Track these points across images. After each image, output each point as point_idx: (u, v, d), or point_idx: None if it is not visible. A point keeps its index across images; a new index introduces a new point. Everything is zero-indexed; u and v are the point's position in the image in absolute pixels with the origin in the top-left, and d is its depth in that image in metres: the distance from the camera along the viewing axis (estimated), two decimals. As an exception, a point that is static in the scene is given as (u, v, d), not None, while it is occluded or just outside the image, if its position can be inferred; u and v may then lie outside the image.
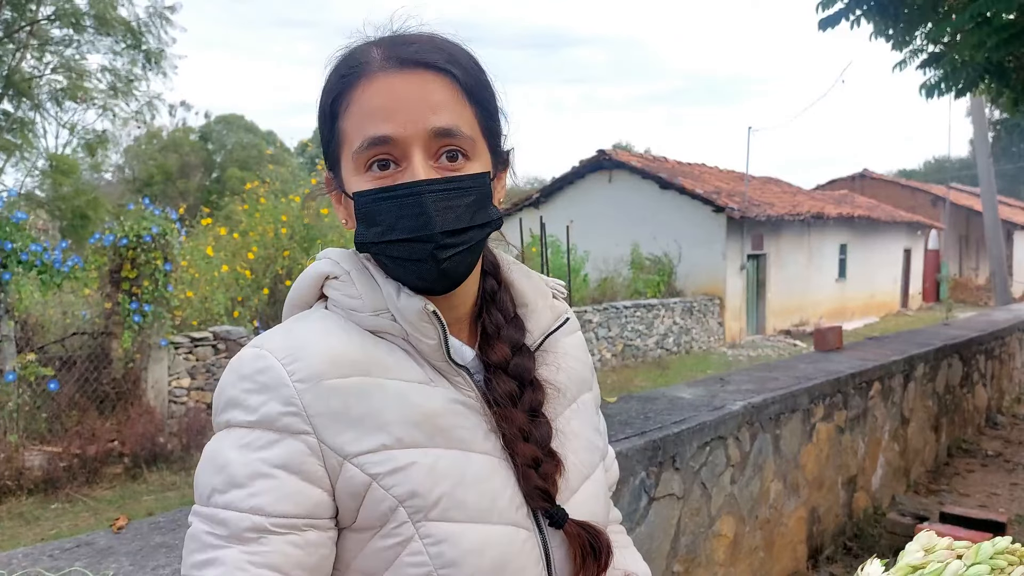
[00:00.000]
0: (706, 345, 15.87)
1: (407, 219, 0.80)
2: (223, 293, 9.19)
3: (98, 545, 1.64)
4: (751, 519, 3.59)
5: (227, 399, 0.80)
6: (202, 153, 36.38)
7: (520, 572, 0.82)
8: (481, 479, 0.81)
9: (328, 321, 0.84)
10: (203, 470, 0.79)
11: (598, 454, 0.98)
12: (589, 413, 0.99)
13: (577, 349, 1.01)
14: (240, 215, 11.05)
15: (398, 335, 0.84)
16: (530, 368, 0.90)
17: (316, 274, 0.88)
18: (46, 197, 19.57)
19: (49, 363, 6.78)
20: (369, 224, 0.82)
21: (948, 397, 6.13)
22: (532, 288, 0.96)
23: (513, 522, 0.82)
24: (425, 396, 0.82)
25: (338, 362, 0.80)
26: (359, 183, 0.82)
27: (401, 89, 0.81)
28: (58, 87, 17.81)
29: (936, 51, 6.91)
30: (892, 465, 5.12)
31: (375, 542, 0.79)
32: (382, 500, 0.77)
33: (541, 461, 0.85)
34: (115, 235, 7.24)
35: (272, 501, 0.75)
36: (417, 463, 0.78)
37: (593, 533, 0.87)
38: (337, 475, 0.77)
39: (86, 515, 5.66)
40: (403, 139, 0.80)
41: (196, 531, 0.77)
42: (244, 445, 0.76)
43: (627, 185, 17.65)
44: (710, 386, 4.00)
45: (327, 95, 0.86)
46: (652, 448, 2.85)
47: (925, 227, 25.30)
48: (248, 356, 0.80)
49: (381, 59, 0.82)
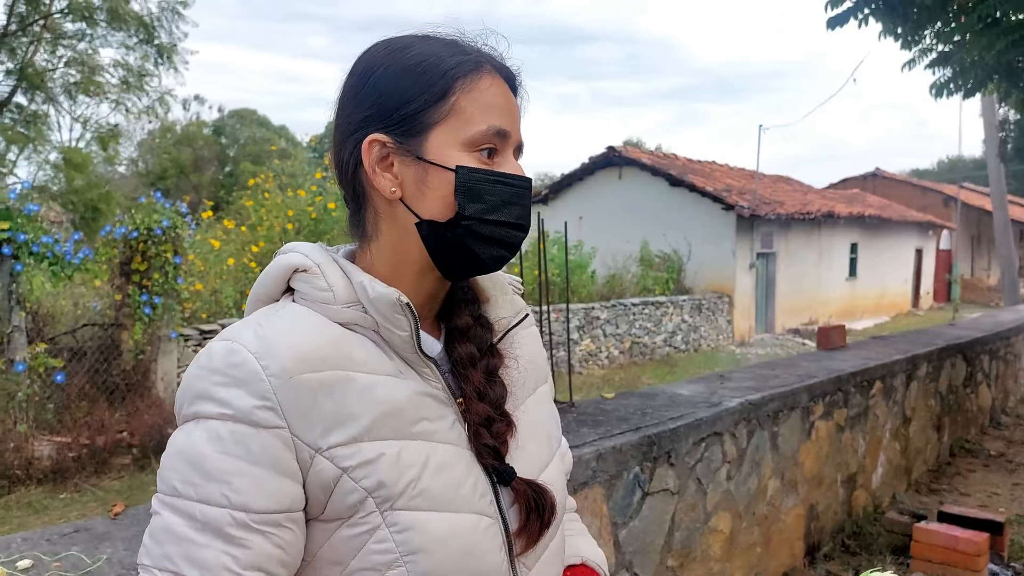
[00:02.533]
0: (715, 343, 15.85)
1: (515, 207, 0.88)
2: (232, 286, 9.26)
3: (95, 531, 1.68)
4: (748, 515, 3.62)
5: (196, 392, 0.79)
6: (215, 147, 36.58)
7: (484, 558, 0.84)
8: (445, 468, 0.84)
9: (298, 315, 0.85)
10: (173, 462, 0.78)
11: (554, 443, 1.01)
12: (547, 404, 1.03)
13: (534, 340, 1.05)
14: (249, 210, 11.12)
15: (368, 327, 0.86)
16: (497, 366, 0.94)
17: (284, 266, 0.88)
18: (59, 190, 19.71)
19: (59, 354, 6.86)
20: (472, 199, 0.85)
21: (951, 397, 6.13)
22: (492, 284, 1.00)
23: (477, 510, 0.84)
24: (393, 388, 0.84)
25: (309, 357, 0.80)
26: (466, 159, 0.86)
27: (510, 99, 0.91)
28: (71, 81, 17.93)
29: (945, 51, 6.90)
30: (893, 464, 5.12)
31: (342, 531, 0.80)
32: (351, 492, 0.79)
33: (494, 420, 0.89)
34: (126, 228, 7.31)
35: (253, 497, 0.76)
36: (385, 455, 0.80)
37: (538, 491, 0.90)
38: (308, 468, 0.79)
39: (94, 505, 5.73)
40: (511, 140, 0.90)
41: (169, 522, 0.76)
42: (217, 438, 0.77)
43: (637, 182, 17.63)
44: (710, 383, 4.02)
45: (447, 69, 0.87)
46: (647, 443, 2.87)
47: (937, 227, 25.16)
48: (219, 349, 0.80)
49: (493, 64, 0.90)
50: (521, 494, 0.88)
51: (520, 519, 0.89)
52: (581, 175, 18.55)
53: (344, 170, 0.90)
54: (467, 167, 0.85)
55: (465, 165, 0.85)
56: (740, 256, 16.54)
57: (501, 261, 0.90)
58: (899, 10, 6.34)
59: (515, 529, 0.88)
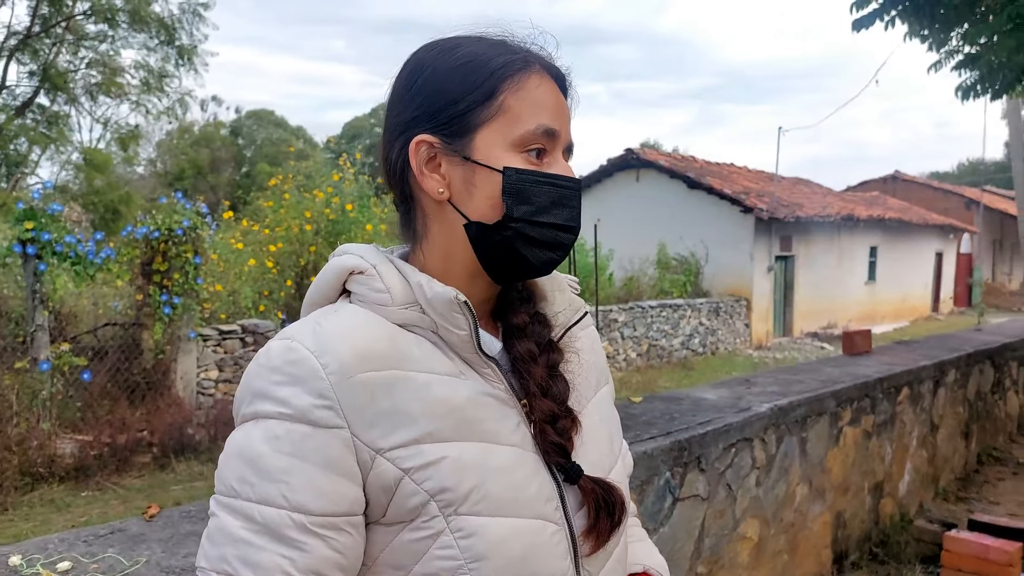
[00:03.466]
0: (732, 346, 15.77)
1: (564, 209, 0.87)
2: (250, 287, 9.29)
3: (130, 532, 1.67)
4: (776, 522, 3.57)
5: (254, 391, 0.78)
6: (232, 148, 36.82)
7: (547, 564, 0.82)
8: (509, 471, 0.82)
9: (356, 315, 0.83)
10: (230, 462, 0.77)
11: (618, 444, 0.99)
12: (608, 406, 1.01)
13: (593, 342, 1.03)
14: (266, 210, 11.16)
15: (427, 328, 0.84)
16: (558, 361, 0.92)
17: (340, 268, 0.87)
18: (79, 190, 19.88)
19: (81, 353, 6.90)
20: (520, 201, 0.84)
21: (979, 404, 6.05)
22: (549, 282, 0.98)
23: (542, 515, 0.82)
24: (454, 389, 0.82)
25: (368, 355, 0.79)
26: (514, 160, 0.84)
27: (559, 99, 0.89)
28: (92, 82, 18.09)
29: (972, 52, 6.81)
30: (920, 472, 5.06)
31: (404, 535, 0.79)
32: (413, 494, 0.77)
33: (558, 417, 0.87)
34: (147, 228, 7.36)
35: (311, 498, 0.74)
36: (447, 457, 0.79)
37: (607, 488, 0.88)
38: (369, 469, 0.77)
39: (115, 503, 5.75)
40: (560, 140, 0.88)
41: (226, 524, 0.75)
42: (275, 437, 0.75)
43: (655, 184, 17.58)
44: (734, 388, 3.98)
45: (494, 68, 0.85)
46: (677, 449, 2.84)
47: (957, 230, 24.92)
48: (278, 348, 0.79)
49: (542, 64, 0.89)
50: (589, 492, 0.86)
51: (589, 519, 0.86)
52: (599, 177, 18.51)
53: (392, 171, 0.89)
54: (514, 168, 0.84)
55: (512, 166, 0.84)
56: (758, 259, 16.45)
57: (551, 264, 0.88)
58: (926, 11, 6.26)
59: (583, 530, 0.86)
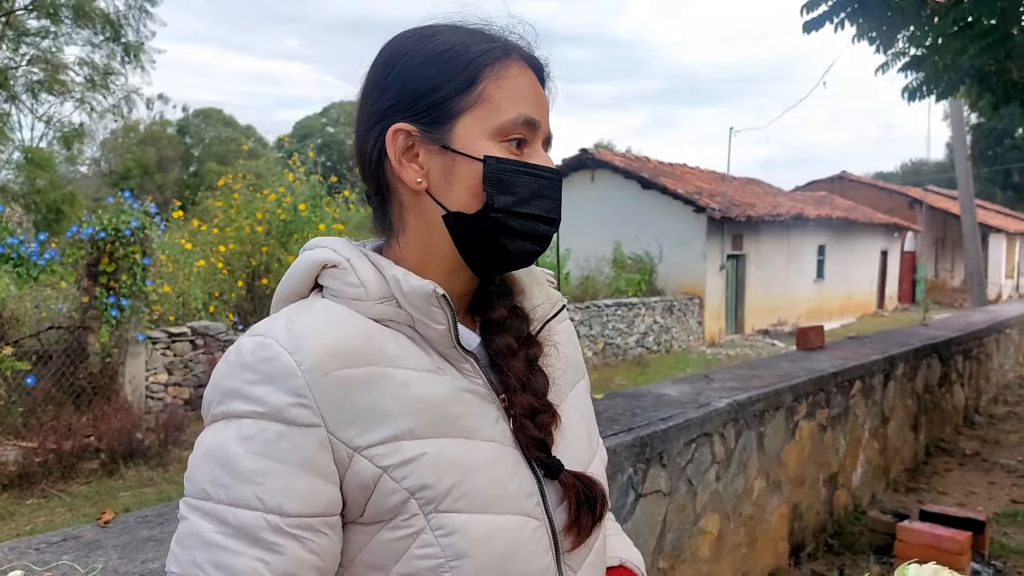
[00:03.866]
0: (686, 344, 15.94)
1: (546, 200, 0.85)
2: (200, 288, 9.10)
3: (85, 539, 1.60)
4: (735, 516, 3.61)
5: (225, 389, 0.75)
6: (180, 147, 36.11)
7: (529, 561, 0.80)
8: (490, 467, 0.80)
9: (330, 310, 0.81)
10: (201, 463, 0.74)
11: (595, 439, 0.98)
12: (586, 401, 1.00)
13: (571, 336, 1.02)
14: (216, 210, 10.95)
15: (404, 323, 0.82)
16: (537, 355, 0.90)
17: (313, 262, 0.84)
18: (20, 190, 19.29)
19: (24, 357, 6.69)
20: (502, 191, 0.82)
21: (927, 396, 6.20)
22: (527, 276, 0.97)
23: (522, 511, 0.81)
24: (432, 385, 0.80)
25: (343, 352, 0.76)
26: (493, 150, 0.82)
27: (539, 89, 0.88)
28: (34, 79, 17.57)
29: (918, 54, 6.97)
30: (872, 463, 5.16)
31: (383, 534, 0.76)
32: (392, 492, 0.75)
33: (538, 411, 0.85)
34: (93, 228, 7.15)
35: (287, 500, 0.72)
36: (426, 454, 0.76)
37: (588, 483, 0.86)
38: (346, 468, 0.75)
39: (62, 510, 5.58)
40: (540, 131, 0.86)
41: (198, 528, 0.72)
42: (248, 438, 0.72)
43: (609, 184, 17.70)
44: (695, 383, 4.01)
45: (474, 55, 0.83)
46: (640, 444, 2.84)
47: (902, 229, 25.58)
48: (250, 345, 0.76)
49: (521, 53, 0.87)
50: (570, 487, 0.85)
51: (570, 514, 0.85)
52: (553, 177, 18.55)
53: (367, 162, 0.86)
54: (496, 157, 0.82)
55: (494, 155, 0.82)
56: (711, 258, 16.66)
57: (531, 256, 0.86)
58: (874, 13, 6.39)
59: (564, 525, 0.85)
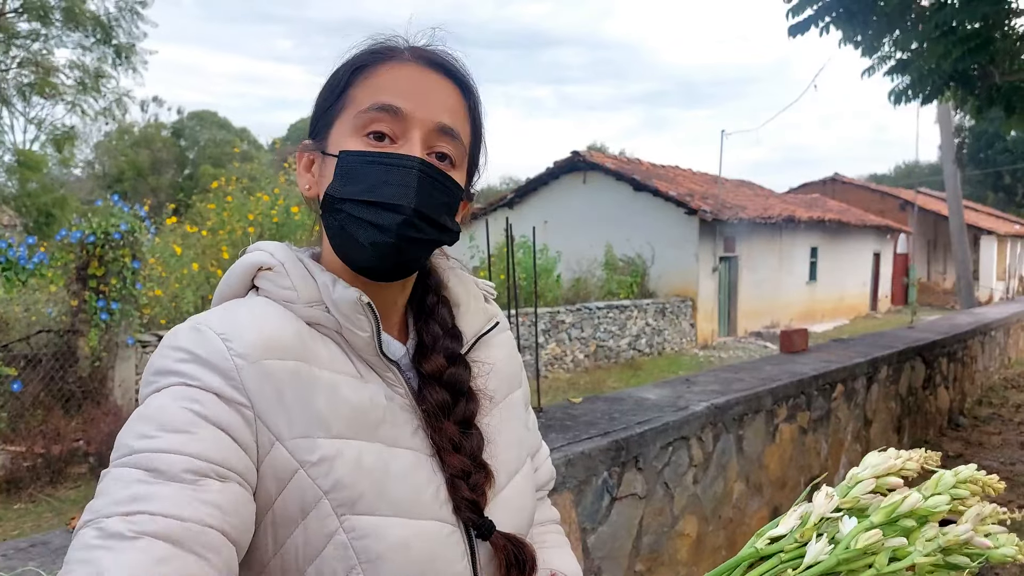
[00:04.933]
0: (678, 346, 15.97)
1: (391, 187, 0.81)
2: (192, 291, 9.11)
3: (53, 544, 1.62)
4: (714, 519, 3.63)
5: (158, 369, 0.76)
6: (174, 149, 36.00)
7: (446, 567, 0.82)
8: (406, 474, 0.82)
9: (266, 306, 0.84)
10: (129, 426, 0.73)
11: (525, 450, 0.99)
12: (518, 411, 1.01)
13: (506, 347, 1.03)
14: (209, 213, 10.96)
15: (331, 327, 0.84)
16: (465, 379, 0.91)
17: (249, 264, 0.87)
18: (11, 193, 19.25)
19: (13, 361, 6.69)
20: (347, 181, 0.82)
21: (911, 399, 6.23)
22: (464, 290, 0.98)
23: (438, 517, 0.82)
24: (355, 390, 0.82)
25: (276, 345, 0.79)
26: (351, 144, 0.83)
27: (424, 81, 0.86)
28: (25, 82, 17.52)
29: (903, 58, 7.02)
30: (855, 465, 5.18)
31: (296, 536, 0.77)
32: (307, 489, 0.76)
33: (471, 473, 0.86)
34: (83, 232, 7.16)
35: (212, 448, 0.71)
36: (343, 455, 0.78)
37: (519, 545, 0.88)
38: (266, 453, 0.76)
39: (49, 515, 5.59)
40: (410, 117, 0.84)
41: (120, 474, 0.69)
42: (179, 397, 0.73)
43: (601, 186, 17.71)
44: (676, 387, 4.04)
45: (347, 65, 0.87)
46: (615, 448, 2.87)
47: (894, 231, 25.65)
48: (184, 329, 0.79)
49: (412, 54, 0.87)
50: (500, 548, 0.86)
51: (500, 573, 0.87)
52: (546, 179, 18.58)
53: None
54: (347, 150, 0.84)
55: (347, 148, 0.84)
56: (703, 260, 16.69)
57: (381, 247, 0.82)
58: (859, 18, 6.43)
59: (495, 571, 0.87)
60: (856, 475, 0.61)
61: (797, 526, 0.62)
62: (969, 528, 0.58)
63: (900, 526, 0.59)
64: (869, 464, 0.61)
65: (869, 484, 0.60)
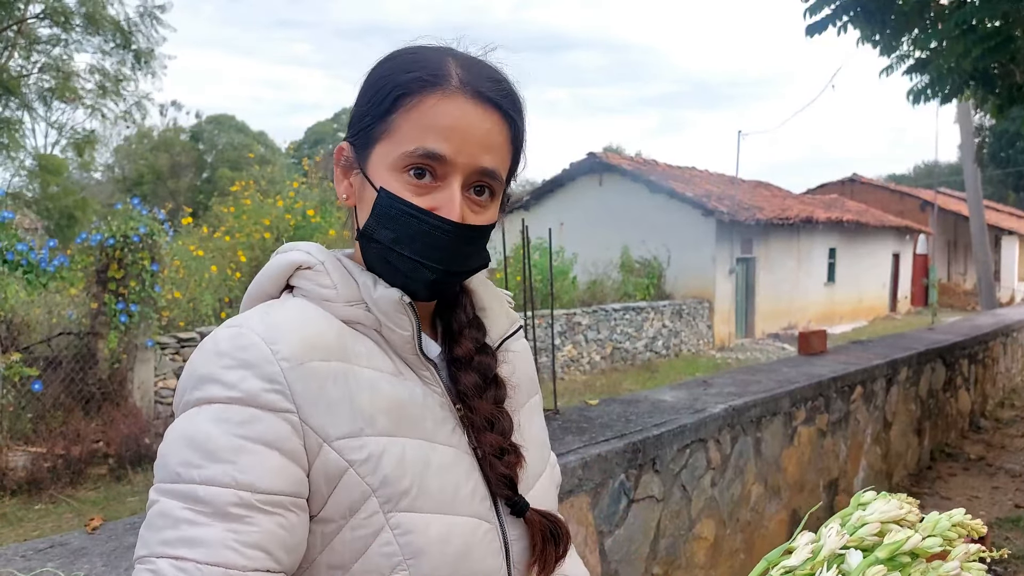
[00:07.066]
0: (695, 348, 15.91)
1: (427, 247, 0.83)
2: (211, 294, 9.18)
3: (72, 546, 1.64)
4: (732, 521, 3.61)
5: (200, 375, 0.77)
6: (193, 153, 36.28)
7: (481, 561, 0.83)
8: (445, 469, 0.83)
9: (304, 307, 0.84)
10: (173, 447, 0.75)
11: (547, 451, 1.02)
12: (538, 415, 1.03)
13: (525, 353, 1.05)
14: (227, 216, 11.04)
15: (370, 326, 0.85)
16: (492, 365, 0.92)
17: (287, 264, 0.87)
18: (33, 197, 19.46)
19: (34, 363, 6.75)
20: (383, 224, 0.83)
21: (931, 401, 6.17)
22: (489, 294, 0.99)
23: (476, 513, 0.84)
24: (395, 386, 0.83)
25: (318, 345, 0.80)
26: (391, 181, 0.83)
27: (471, 119, 0.83)
28: (46, 87, 17.71)
29: (922, 57, 6.96)
30: (874, 468, 5.15)
31: (344, 533, 0.79)
32: (355, 487, 0.78)
33: (506, 451, 0.88)
34: (102, 235, 7.22)
35: (259, 476, 0.73)
36: (389, 451, 0.79)
37: (553, 520, 0.90)
38: (315, 456, 0.77)
39: (69, 516, 5.64)
40: (453, 163, 0.83)
41: (167, 508, 0.72)
42: (223, 420, 0.74)
43: (617, 188, 17.69)
44: (692, 389, 4.02)
45: (394, 85, 0.84)
46: (632, 450, 2.86)
47: (914, 232, 25.43)
48: (226, 334, 0.79)
49: (460, 81, 0.84)
50: (536, 524, 0.89)
51: (535, 549, 0.89)
52: (563, 181, 18.58)
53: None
54: (387, 191, 0.83)
55: (388, 188, 0.83)
56: (720, 261, 16.62)
57: (412, 288, 0.85)
58: (877, 17, 6.38)
59: (529, 560, 0.89)
60: (863, 517, 0.70)
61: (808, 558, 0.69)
62: (956, 565, 0.66)
63: (897, 561, 0.68)
64: (877, 510, 0.71)
65: (875, 527, 0.69)
